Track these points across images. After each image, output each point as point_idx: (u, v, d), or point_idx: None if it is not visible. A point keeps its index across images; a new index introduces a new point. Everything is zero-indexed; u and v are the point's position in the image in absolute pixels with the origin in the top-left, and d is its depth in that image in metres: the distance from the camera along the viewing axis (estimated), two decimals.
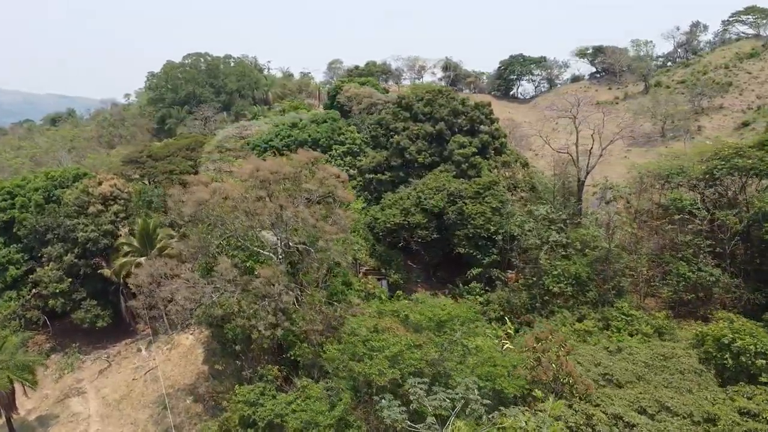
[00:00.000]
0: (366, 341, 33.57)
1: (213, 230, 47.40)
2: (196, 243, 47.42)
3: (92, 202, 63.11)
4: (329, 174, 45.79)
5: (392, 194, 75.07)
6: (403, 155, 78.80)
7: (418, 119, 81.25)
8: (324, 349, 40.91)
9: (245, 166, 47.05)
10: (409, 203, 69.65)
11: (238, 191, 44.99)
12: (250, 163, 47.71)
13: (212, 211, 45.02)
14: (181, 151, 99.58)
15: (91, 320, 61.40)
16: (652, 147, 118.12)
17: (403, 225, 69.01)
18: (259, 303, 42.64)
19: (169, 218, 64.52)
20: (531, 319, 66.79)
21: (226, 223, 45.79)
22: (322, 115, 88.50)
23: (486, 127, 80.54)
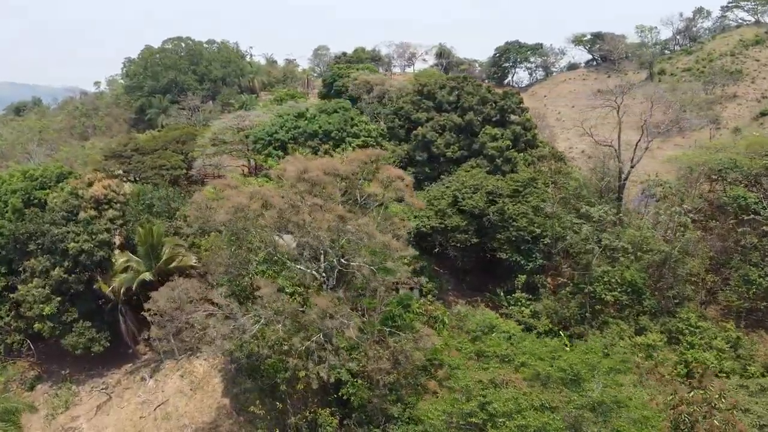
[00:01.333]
0: (485, 404, 25.32)
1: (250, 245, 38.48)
2: (226, 260, 38.39)
3: (83, 207, 53.26)
4: (394, 175, 37.27)
5: (421, 193, 66.62)
6: (429, 149, 70.45)
7: (443, 109, 72.94)
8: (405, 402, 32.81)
9: (289, 166, 38.11)
10: (445, 203, 61.36)
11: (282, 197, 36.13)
12: (294, 162, 38.81)
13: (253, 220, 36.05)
14: (171, 145, 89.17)
15: (85, 345, 51.76)
16: (668, 138, 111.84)
17: (438, 228, 60.75)
18: (313, 339, 34.06)
19: (174, 225, 55.08)
20: (582, 331, 59.51)
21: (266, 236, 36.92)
22: (332, 105, 79.43)
23: (517, 117, 72.66)
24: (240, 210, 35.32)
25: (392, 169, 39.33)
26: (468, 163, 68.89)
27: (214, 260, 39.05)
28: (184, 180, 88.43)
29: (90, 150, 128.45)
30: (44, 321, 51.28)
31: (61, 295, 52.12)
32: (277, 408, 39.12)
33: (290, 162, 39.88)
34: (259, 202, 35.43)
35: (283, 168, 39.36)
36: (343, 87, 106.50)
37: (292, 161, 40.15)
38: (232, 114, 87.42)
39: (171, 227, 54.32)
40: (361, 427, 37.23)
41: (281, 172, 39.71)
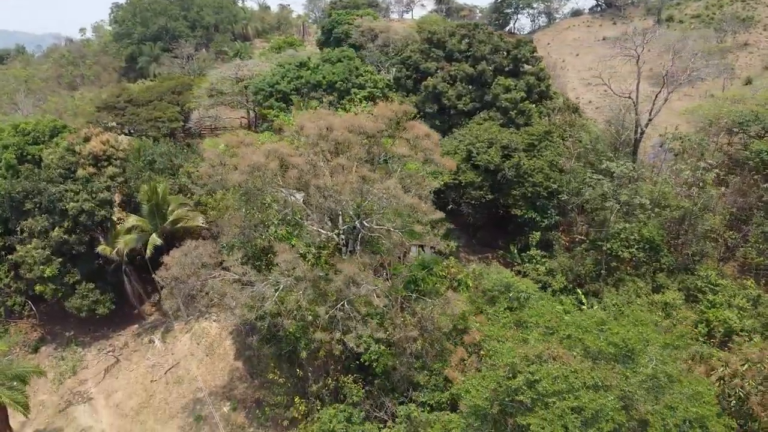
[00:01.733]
0: (533, 382, 23.51)
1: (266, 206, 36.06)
2: (240, 221, 36.01)
3: (81, 164, 50.37)
4: (422, 133, 34.66)
5: None
6: (439, 101, 67.46)
7: (454, 58, 69.57)
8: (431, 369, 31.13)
9: (307, 123, 35.25)
10: (459, 159, 58.87)
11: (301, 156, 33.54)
12: (314, 119, 35.99)
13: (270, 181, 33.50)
14: (166, 96, 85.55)
15: (90, 308, 49.77)
16: (678, 89, 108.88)
17: (451, 185, 58.47)
18: (338, 307, 32.17)
19: (178, 183, 52.41)
20: (598, 288, 58.22)
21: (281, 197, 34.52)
22: (336, 54, 75.69)
23: (531, 66, 69.49)
24: (257, 169, 32.76)
25: (419, 125, 36.69)
26: (480, 116, 66.11)
27: (228, 221, 36.61)
28: (181, 133, 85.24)
29: (80, 101, 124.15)
30: (45, 283, 49.12)
31: (61, 256, 49.81)
32: (296, 375, 37.58)
33: (307, 118, 37.04)
34: (276, 162, 32.88)
35: (299, 124, 36.57)
36: (344, 34, 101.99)
37: (309, 117, 37.31)
38: (229, 63, 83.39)
39: (175, 185, 51.63)
40: (386, 394, 35.85)
41: (297, 129, 36.90)
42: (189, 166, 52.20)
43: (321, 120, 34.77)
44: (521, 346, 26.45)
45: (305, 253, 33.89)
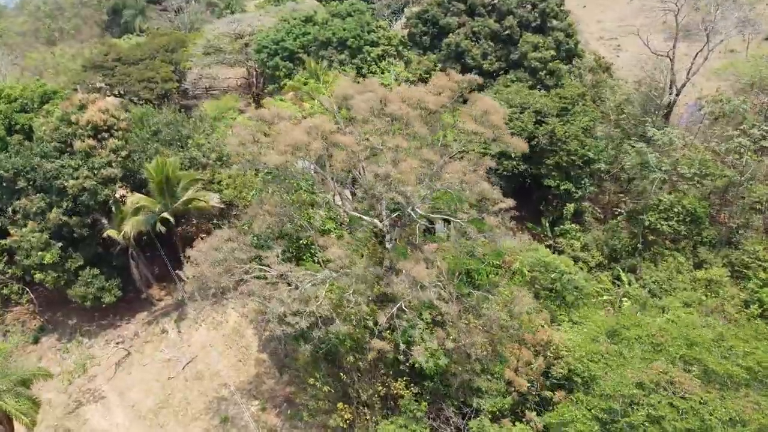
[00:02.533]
0: (657, 418, 19.44)
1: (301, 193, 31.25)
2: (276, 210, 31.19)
3: (79, 136, 44.70)
4: (490, 108, 29.77)
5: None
6: (462, 60, 62.07)
7: (477, 13, 63.79)
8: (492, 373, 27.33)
9: (356, 94, 30.07)
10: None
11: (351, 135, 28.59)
12: (361, 89, 30.80)
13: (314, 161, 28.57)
14: (158, 54, 78.74)
15: (95, 296, 45.05)
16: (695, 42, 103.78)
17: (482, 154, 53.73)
18: (395, 311, 27.91)
19: (188, 156, 47.00)
20: (635, 264, 54.73)
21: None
22: (345, 7, 69.26)
23: (558, 22, 64.02)
24: (298, 149, 27.82)
25: (485, 99, 31.79)
26: (507, 77, 60.98)
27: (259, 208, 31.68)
28: (176, 94, 78.91)
29: (60, 57, 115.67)
30: (45, 270, 44.17)
31: (61, 239, 44.76)
32: (338, 377, 33.60)
33: (350, 86, 31.79)
34: (319, 141, 27.88)
35: (341, 94, 31.41)
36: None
37: (351, 85, 32.09)
38: (226, 18, 76.52)
39: (185, 159, 46.25)
40: (441, 400, 32.11)
41: (336, 99, 31.75)
42: (199, 137, 46.77)
43: (370, 91, 29.68)
44: (624, 365, 22.55)
45: (356, 248, 29.46)
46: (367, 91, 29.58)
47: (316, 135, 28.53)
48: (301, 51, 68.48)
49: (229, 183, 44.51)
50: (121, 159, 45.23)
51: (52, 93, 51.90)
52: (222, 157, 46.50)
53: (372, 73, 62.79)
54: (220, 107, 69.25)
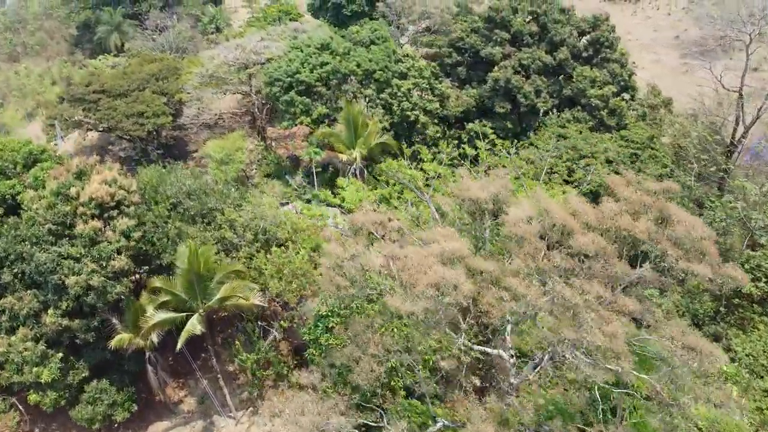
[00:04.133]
0: None
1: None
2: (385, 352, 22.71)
3: (80, 215, 35.41)
4: (697, 232, 21.57)
5: (512, 159, 51.27)
6: (512, 98, 54.31)
7: (523, 42, 56.09)
8: None
9: (514, 206, 21.60)
10: (558, 180, 46.48)
11: (520, 277, 20.15)
12: (518, 198, 22.37)
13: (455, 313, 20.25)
14: (148, 83, 68.96)
15: (104, 415, 35.78)
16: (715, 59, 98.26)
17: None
18: None
19: (216, 236, 37.88)
20: (719, 332, 47.98)
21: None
22: (365, 32, 60.70)
23: (612, 52, 56.81)
24: (442, 292, 19.47)
25: (687, 216, 23.31)
26: (563, 116, 53.52)
27: (361, 350, 23.15)
28: (171, 130, 69.30)
29: (26, 78, 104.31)
30: (43, 390, 34.78)
31: (58, 345, 35.43)
32: None
33: (476, 186, 23.49)
34: (469, 283, 19.68)
35: (465, 187, 23.24)
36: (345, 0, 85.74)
37: (477, 186, 23.70)
38: (226, 43, 67.08)
39: (213, 237, 37.20)
40: None
41: (470, 202, 23.52)
42: (231, 212, 37.86)
43: (527, 202, 21.45)
44: None
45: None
46: (524, 202, 21.40)
47: (457, 264, 20.21)
48: (320, 84, 59.79)
49: (271, 270, 35.83)
50: (134, 243, 36.02)
51: (39, 152, 42.13)
52: (258, 234, 37.70)
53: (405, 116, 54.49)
54: (226, 148, 60.15)
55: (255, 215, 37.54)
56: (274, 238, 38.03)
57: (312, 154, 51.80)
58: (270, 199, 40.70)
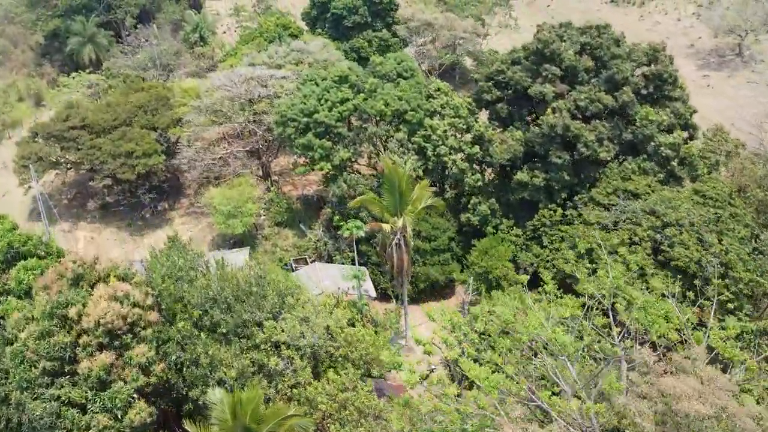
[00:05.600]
0: None
1: None
2: None
3: (84, 346, 27.35)
4: None
5: (575, 227, 44.38)
6: (570, 146, 47.35)
7: (577, 79, 49.04)
8: None
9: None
10: (639, 256, 39.57)
11: None
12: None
13: None
14: (136, 116, 60.04)
15: None
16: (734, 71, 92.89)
17: None
18: None
19: (257, 360, 30.01)
20: None
21: None
22: (391, 64, 52.68)
23: (674, 89, 50.17)
24: None
25: None
26: (628, 167, 46.76)
27: None
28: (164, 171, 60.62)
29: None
30: None
31: None
32: None
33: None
34: None
35: (670, 389, 16.11)
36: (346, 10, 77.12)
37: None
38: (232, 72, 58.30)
39: (249, 368, 29.30)
40: None
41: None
42: (271, 326, 29.96)
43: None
44: None
45: None
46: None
47: None
48: (340, 125, 51.90)
49: (329, 406, 28.29)
50: (155, 379, 28.09)
51: (22, 243, 33.54)
52: (303, 349, 29.99)
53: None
54: (233, 198, 51.97)
55: (302, 330, 29.88)
56: (327, 355, 30.53)
57: (354, 229, 44.03)
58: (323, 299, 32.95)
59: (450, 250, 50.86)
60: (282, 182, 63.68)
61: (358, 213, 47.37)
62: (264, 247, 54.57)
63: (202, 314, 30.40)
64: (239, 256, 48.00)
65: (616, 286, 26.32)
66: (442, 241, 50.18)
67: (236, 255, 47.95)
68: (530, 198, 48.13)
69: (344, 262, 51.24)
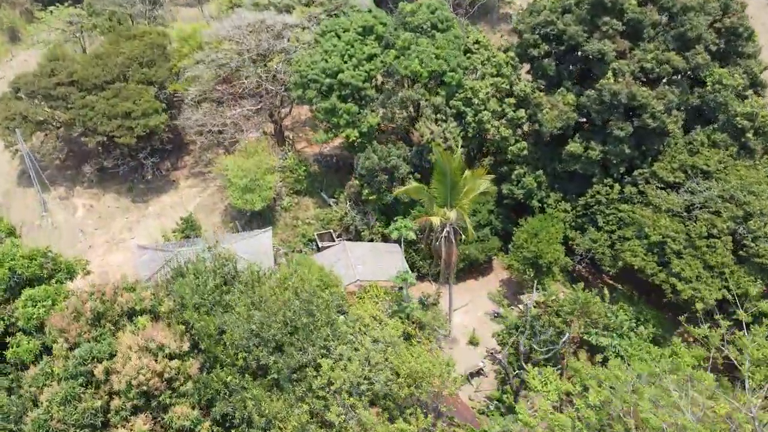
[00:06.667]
0: None
1: None
2: None
3: (118, 411, 23.15)
4: None
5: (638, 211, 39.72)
6: (630, 111, 41.91)
7: (643, 35, 42.83)
8: None
9: None
10: (719, 257, 35.28)
11: None
12: None
13: None
14: (130, 70, 52.98)
15: None
16: None
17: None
18: None
19: (316, 407, 26.01)
20: None
21: None
22: (424, 15, 45.55)
23: (749, 45, 44.25)
24: None
25: None
26: (696, 138, 41.66)
27: None
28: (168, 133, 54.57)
29: None
30: None
31: None
32: None
33: None
34: None
35: None
36: None
37: None
38: (242, 12, 50.73)
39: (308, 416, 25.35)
40: None
41: None
42: (328, 367, 25.57)
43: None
44: None
45: None
46: None
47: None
48: (368, 86, 45.70)
49: None
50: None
51: (25, 267, 28.38)
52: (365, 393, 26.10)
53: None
54: (249, 170, 46.46)
55: (366, 374, 25.85)
56: (391, 399, 26.71)
57: (403, 230, 38.96)
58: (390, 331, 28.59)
59: (489, 224, 46.43)
60: (295, 138, 57.82)
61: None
62: (284, 220, 49.77)
63: (246, 355, 26.13)
64: (263, 241, 43.32)
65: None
66: (482, 215, 45.65)
67: (259, 239, 43.22)
68: (582, 171, 43.18)
69: (374, 239, 46.83)
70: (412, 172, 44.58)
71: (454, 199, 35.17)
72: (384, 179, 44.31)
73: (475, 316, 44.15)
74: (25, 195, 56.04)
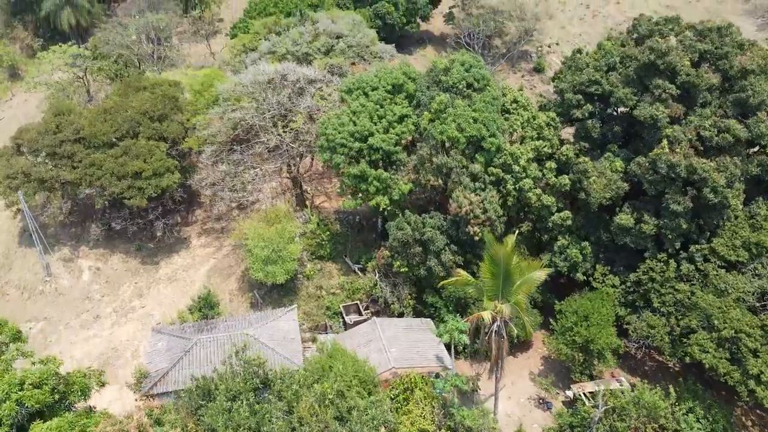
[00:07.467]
0: None
1: None
2: None
3: None
4: None
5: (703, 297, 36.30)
6: (687, 183, 38.57)
7: (693, 99, 39.60)
8: None
9: None
10: None
11: None
12: None
13: None
14: (140, 125, 49.43)
15: None
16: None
17: None
18: None
19: None
20: None
21: None
22: (458, 74, 41.66)
23: None
24: None
25: None
26: (759, 212, 38.39)
27: None
28: (180, 194, 51.04)
29: None
30: None
31: None
32: None
33: None
34: None
35: None
36: None
37: None
38: (262, 66, 47.36)
39: None
40: None
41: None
42: None
43: None
44: None
45: None
46: None
47: None
48: (399, 150, 42.34)
49: None
50: None
51: (35, 402, 24.64)
52: None
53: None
54: (271, 240, 42.80)
55: None
56: None
57: (455, 334, 35.44)
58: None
59: (528, 296, 42.92)
60: (314, 192, 54.40)
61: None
62: (307, 290, 46.11)
63: None
64: (288, 322, 39.66)
65: None
66: None
67: (284, 321, 39.57)
68: (634, 245, 39.81)
69: (404, 312, 43.30)
70: (448, 244, 41.09)
71: (506, 290, 31.67)
72: (418, 251, 40.84)
73: (518, 402, 40.53)
74: (27, 256, 52.29)
